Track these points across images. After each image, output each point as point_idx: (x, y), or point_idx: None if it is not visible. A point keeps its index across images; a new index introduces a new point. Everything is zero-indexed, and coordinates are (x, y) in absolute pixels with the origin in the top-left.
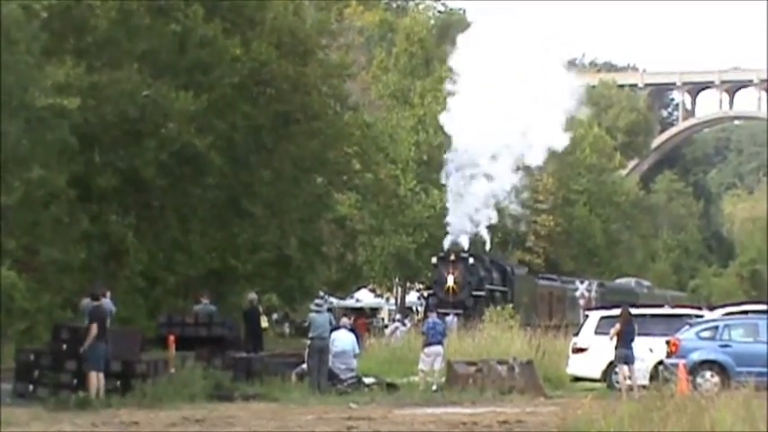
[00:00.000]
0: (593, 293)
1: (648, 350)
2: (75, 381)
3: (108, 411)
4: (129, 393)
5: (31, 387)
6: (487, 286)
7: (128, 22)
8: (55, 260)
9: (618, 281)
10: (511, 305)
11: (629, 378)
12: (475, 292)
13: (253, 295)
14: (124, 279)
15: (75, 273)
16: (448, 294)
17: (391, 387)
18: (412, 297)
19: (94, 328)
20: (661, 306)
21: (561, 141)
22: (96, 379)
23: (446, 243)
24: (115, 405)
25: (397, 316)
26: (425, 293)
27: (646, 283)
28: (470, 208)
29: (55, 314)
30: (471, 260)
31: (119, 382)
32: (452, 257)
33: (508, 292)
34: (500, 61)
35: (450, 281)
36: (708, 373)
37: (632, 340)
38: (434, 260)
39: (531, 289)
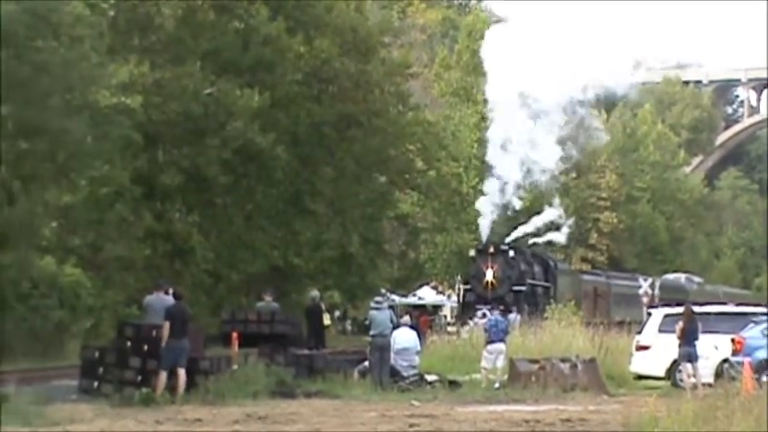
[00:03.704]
0: (655, 291)
1: (713, 348)
2: (140, 378)
3: (171, 408)
4: (192, 390)
5: (95, 384)
6: (528, 281)
7: (192, 20)
8: (119, 257)
9: (667, 276)
10: (573, 302)
11: (693, 376)
12: (515, 287)
13: (315, 292)
14: (188, 276)
15: (138, 270)
16: (486, 289)
17: (453, 384)
18: None
19: (167, 327)
20: (722, 303)
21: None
22: (164, 378)
23: (483, 230)
24: (178, 402)
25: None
26: (463, 288)
27: (696, 279)
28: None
29: (119, 311)
30: (512, 253)
31: None
32: (491, 250)
33: (551, 287)
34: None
35: (489, 275)
36: None
37: (696, 338)
38: (472, 253)
39: (574, 284)
